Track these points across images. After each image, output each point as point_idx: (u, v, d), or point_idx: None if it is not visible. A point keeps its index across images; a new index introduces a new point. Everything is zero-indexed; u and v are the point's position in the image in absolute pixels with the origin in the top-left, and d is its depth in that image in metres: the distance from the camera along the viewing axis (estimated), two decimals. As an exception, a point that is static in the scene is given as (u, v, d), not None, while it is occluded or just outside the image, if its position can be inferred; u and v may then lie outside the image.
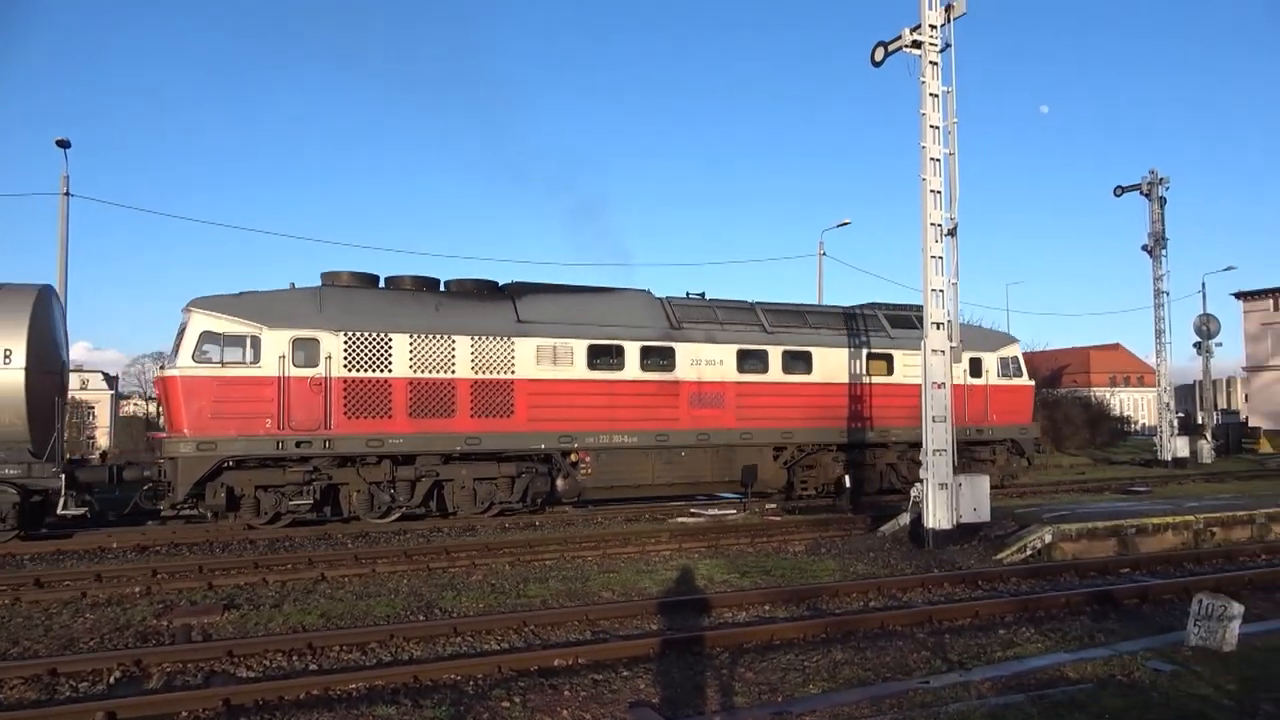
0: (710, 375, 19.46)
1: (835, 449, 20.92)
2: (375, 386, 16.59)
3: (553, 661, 8.20)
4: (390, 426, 16.62)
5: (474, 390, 17.30)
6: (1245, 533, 15.53)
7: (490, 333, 17.56)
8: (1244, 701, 6.88)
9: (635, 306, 19.46)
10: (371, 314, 16.84)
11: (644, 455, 18.77)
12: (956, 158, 14.94)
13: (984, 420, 22.64)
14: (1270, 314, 58.50)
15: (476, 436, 17.27)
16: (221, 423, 15.54)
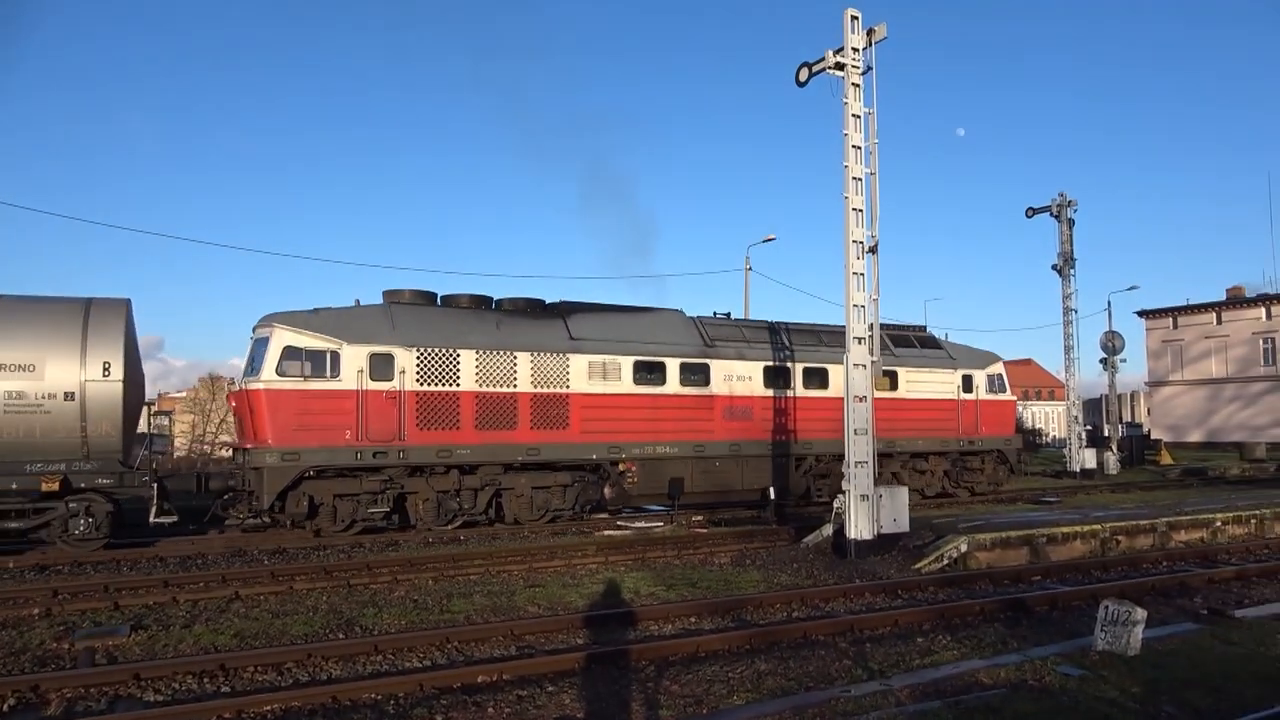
0: (741, 390, 20.69)
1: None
2: (445, 399, 17.45)
3: (476, 678, 8.08)
4: (458, 437, 17.47)
5: (533, 403, 18.28)
6: (1148, 540, 16.21)
7: (547, 349, 18.57)
8: (1147, 704, 7.17)
9: (674, 325, 20.69)
10: (440, 330, 17.72)
11: (683, 464, 19.78)
12: (877, 177, 15.34)
13: (975, 432, 24.23)
14: (1170, 332, 61.50)
15: (536, 447, 18.20)
16: (304, 434, 16.16)
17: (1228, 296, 59.49)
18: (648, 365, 19.65)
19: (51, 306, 15.83)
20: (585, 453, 18.75)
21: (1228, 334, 58.19)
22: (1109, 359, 39.94)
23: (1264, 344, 56.48)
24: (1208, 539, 16.82)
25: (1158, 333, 62.34)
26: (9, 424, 14.75)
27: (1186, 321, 61.00)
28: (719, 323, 21.71)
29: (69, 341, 15.25)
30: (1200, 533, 16.96)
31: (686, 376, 20.04)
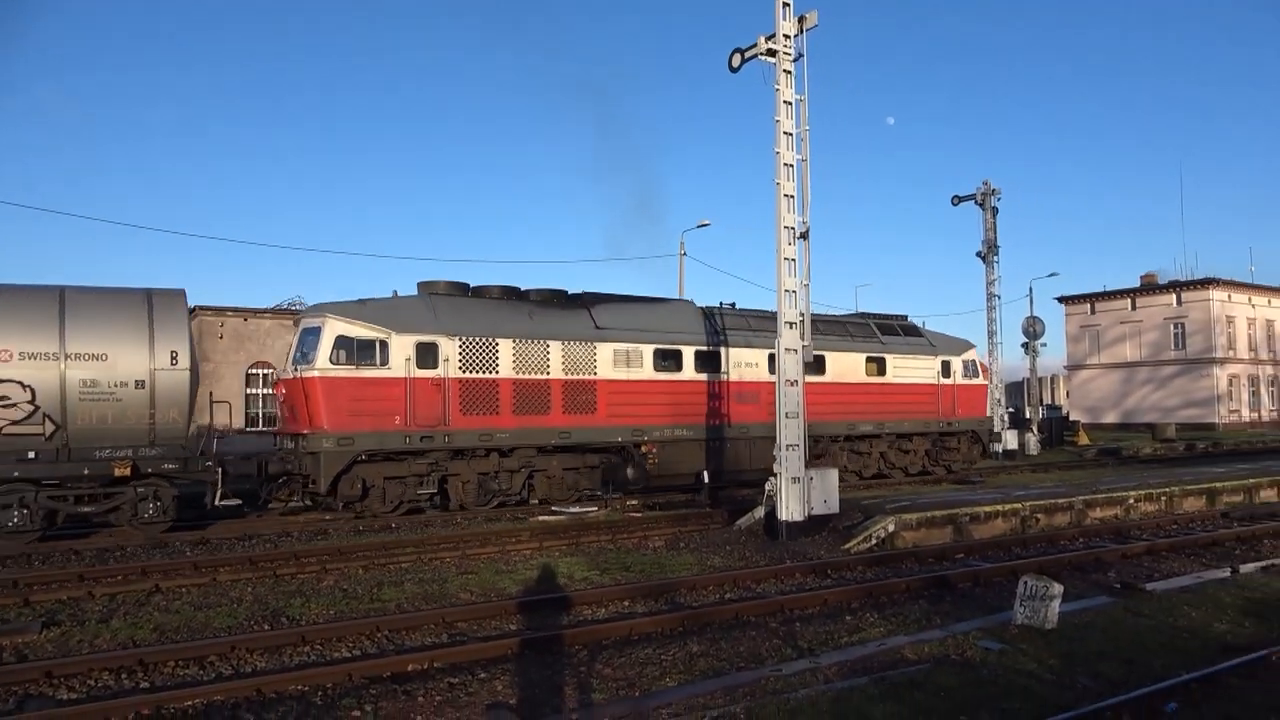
0: (748, 376, 21.79)
1: (843, 440, 23.57)
2: (486, 386, 18.21)
3: (407, 667, 7.98)
4: (498, 422, 18.29)
5: (565, 389, 19.14)
6: (1065, 518, 16.82)
7: (576, 338, 19.46)
8: (1063, 676, 7.44)
9: (688, 315, 21.82)
10: (480, 320, 18.51)
11: (698, 446, 20.81)
12: (809, 164, 15.50)
13: (953, 414, 25.78)
14: (1088, 317, 63.80)
15: (567, 431, 19.09)
16: (357, 419, 16.82)
17: (1141, 283, 61.94)
18: (666, 353, 20.66)
19: (117, 297, 16.13)
20: (611, 435, 19.71)
21: (1141, 319, 60.61)
22: (1030, 343, 41.21)
23: (1174, 329, 58.98)
24: (1121, 516, 17.51)
25: (1076, 318, 64.61)
26: (83, 411, 15.06)
27: (1103, 307, 63.36)
28: (727, 312, 22.67)
29: (137, 331, 15.62)
30: (1114, 510, 17.65)
31: (701, 364, 21.10)
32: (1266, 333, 61.19)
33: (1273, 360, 61.32)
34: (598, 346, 19.62)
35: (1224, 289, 58.11)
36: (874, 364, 24.17)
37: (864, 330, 24.91)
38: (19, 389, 14.58)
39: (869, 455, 24.24)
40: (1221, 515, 18.04)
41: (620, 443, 19.87)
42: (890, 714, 6.42)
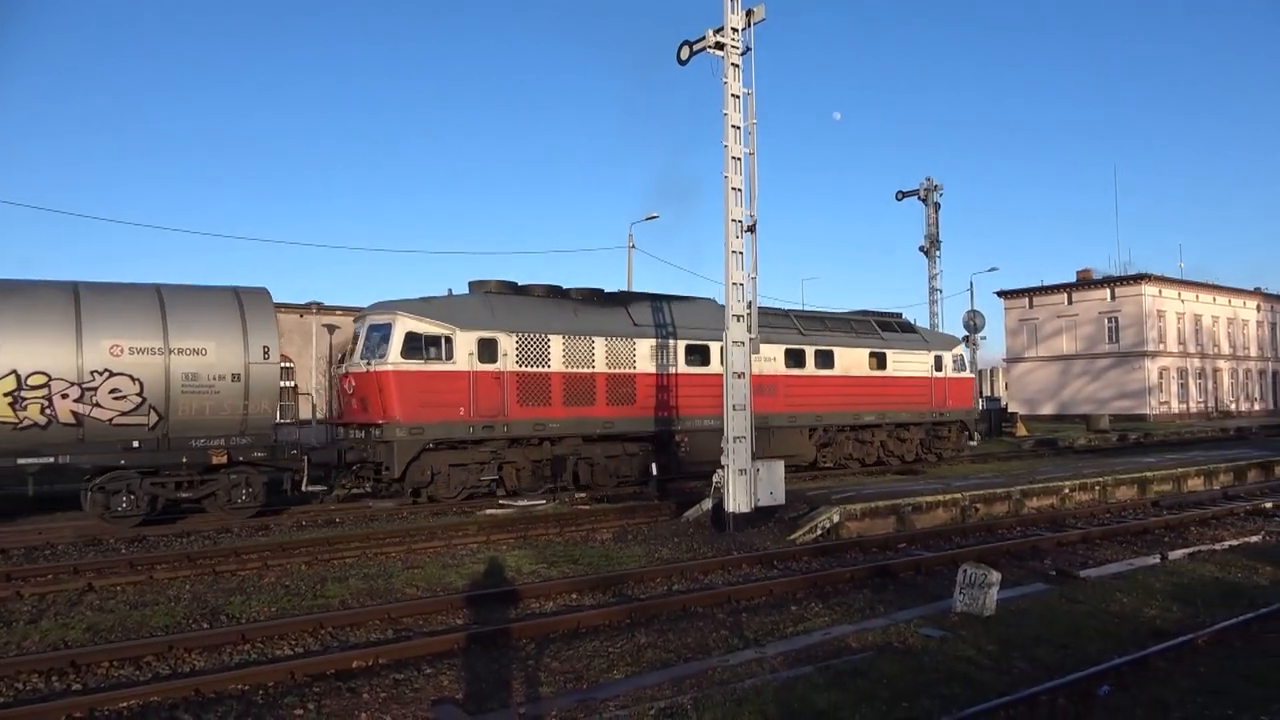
0: (767, 369, 22.57)
1: (849, 429, 25.09)
2: (539, 379, 19.31)
3: (351, 663, 7.88)
4: (550, 413, 19.31)
5: (608, 382, 20.23)
6: (1004, 507, 17.22)
7: (617, 334, 20.56)
8: (1001, 661, 7.64)
9: (712, 312, 22.42)
10: (533, 318, 19.54)
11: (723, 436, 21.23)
12: (756, 157, 15.61)
13: (944, 406, 27.41)
14: (1026, 311, 65.39)
15: (610, 421, 20.13)
16: (427, 410, 17.75)
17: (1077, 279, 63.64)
18: (695, 348, 21.82)
19: (209, 295, 16.99)
20: (648, 425, 20.85)
21: (1077, 313, 62.31)
22: (971, 336, 42.06)
23: (1109, 323, 60.76)
24: (1057, 505, 17.99)
25: (1015, 312, 66.19)
26: (184, 403, 15.94)
27: (1041, 301, 64.99)
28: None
29: (232, 327, 16.49)
30: (1051, 499, 18.12)
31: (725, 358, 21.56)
32: (1195, 327, 63.35)
33: (1200, 354, 63.52)
34: (636, 342, 20.89)
35: (1155, 284, 60.01)
36: (875, 359, 25.61)
37: (866, 327, 26.39)
38: (129, 382, 15.44)
39: (871, 444, 25.82)
40: (1152, 504, 18.64)
41: (656, 432, 20.96)
42: (834, 702, 6.52)
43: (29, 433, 14.80)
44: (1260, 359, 69.60)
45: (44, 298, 15.40)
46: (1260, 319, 70.24)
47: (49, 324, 15.08)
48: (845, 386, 24.65)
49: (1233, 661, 7.58)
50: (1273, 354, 71.04)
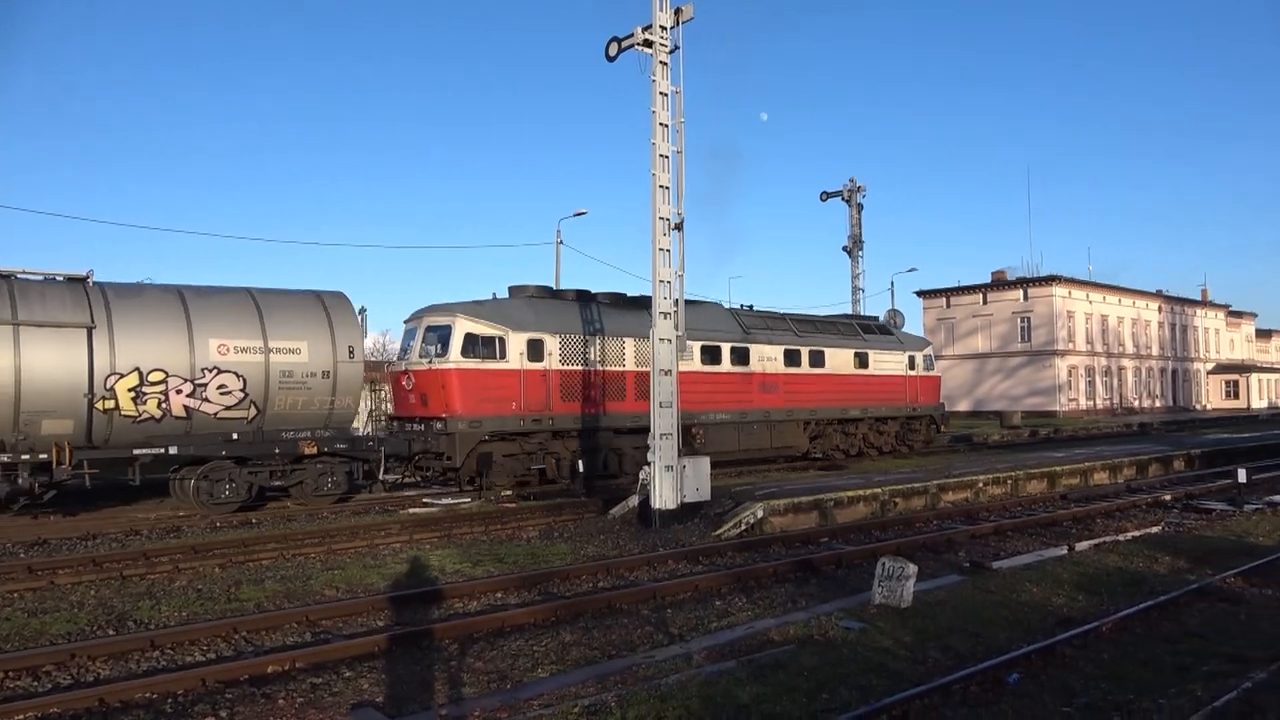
0: (770, 368, 24.64)
1: (837, 423, 26.80)
2: (578, 377, 20.52)
3: (266, 669, 7.66)
4: (588, 408, 20.46)
5: (636, 380, 21.33)
6: (921, 501, 17.69)
7: (643, 335, 20.83)
8: (917, 651, 7.83)
9: (722, 315, 24.68)
10: (573, 320, 20.74)
11: (733, 429, 23.61)
12: (684, 155, 15.69)
13: (916, 401, 29.40)
14: (944, 310, 67.26)
15: (638, 415, 20.33)
16: (484, 405, 18.95)
17: (992, 280, 65.73)
18: (710, 349, 23.33)
19: (298, 298, 18.27)
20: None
21: (992, 313, 64.37)
22: (892, 335, 42.97)
23: (1021, 322, 62.92)
24: (971, 499, 18.57)
25: (933, 311, 68.03)
26: (280, 398, 17.20)
27: (958, 301, 66.94)
28: (749, 313, 25.78)
29: (322, 328, 17.79)
30: (965, 493, 18.69)
31: (734, 358, 23.89)
32: (1101, 327, 66.04)
33: (1107, 353, 66.27)
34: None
35: (1065, 286, 62.36)
36: (859, 359, 27.50)
37: (850, 330, 28.40)
38: (234, 379, 16.67)
39: (855, 435, 27.60)
40: (1061, 497, 19.39)
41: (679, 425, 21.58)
42: (757, 696, 6.60)
43: (144, 425, 15.97)
44: (1161, 358, 72.97)
45: (156, 300, 16.57)
46: (1162, 320, 73.63)
47: (165, 325, 16.26)
48: (835, 384, 26.61)
49: (1134, 648, 7.92)
50: (1173, 353, 74.56)
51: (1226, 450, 27.15)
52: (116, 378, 15.64)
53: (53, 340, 15.18)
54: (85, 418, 15.46)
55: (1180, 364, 75.23)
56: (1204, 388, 77.96)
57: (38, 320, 15.14)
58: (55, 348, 15.20)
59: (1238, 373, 78.86)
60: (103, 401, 15.51)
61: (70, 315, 15.47)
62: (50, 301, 15.53)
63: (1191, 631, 8.45)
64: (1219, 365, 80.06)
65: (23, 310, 15.15)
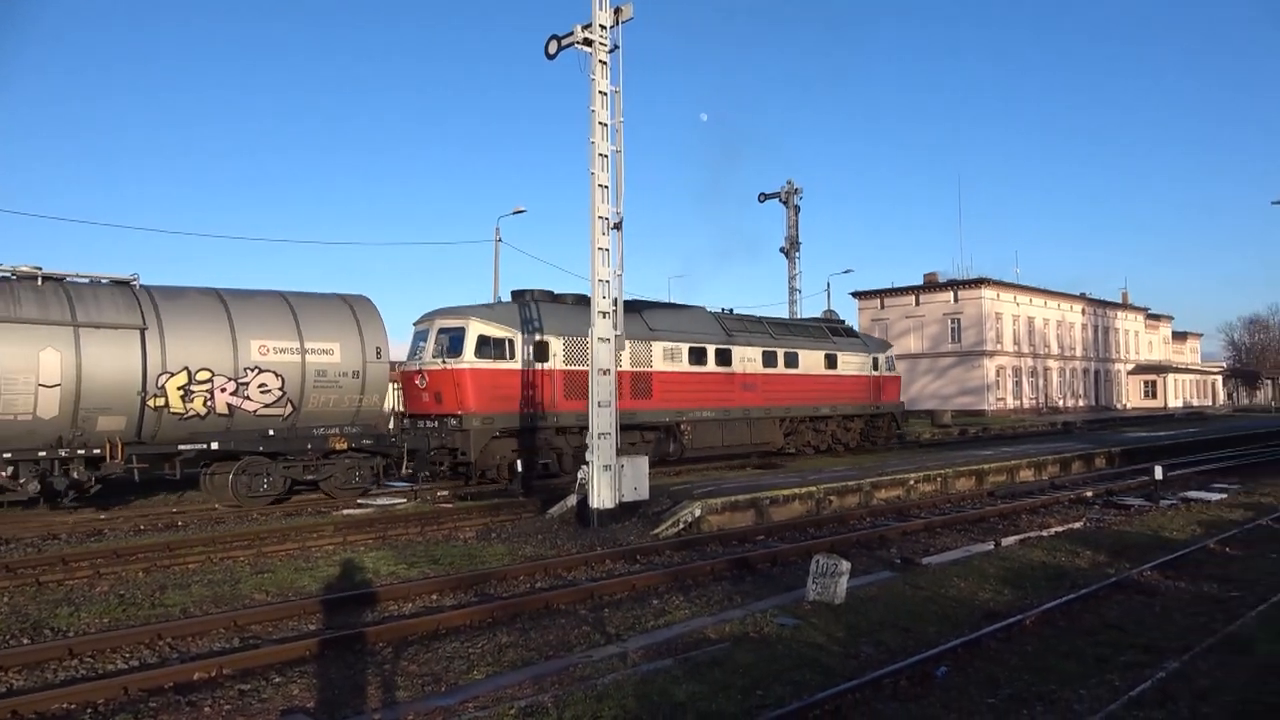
0: (750, 369, 25.98)
1: (808, 420, 28.41)
2: (581, 377, 20.31)
3: (192, 675, 7.45)
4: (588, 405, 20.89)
5: (633, 379, 22.48)
6: (855, 499, 18.00)
7: (638, 338, 22.89)
8: (849, 646, 7.98)
9: (705, 319, 25.88)
10: (575, 323, 20.92)
11: (717, 426, 25.00)
12: (623, 155, 15.70)
13: (879, 400, 31.12)
14: (879, 311, 68.52)
15: (633, 413, 22.33)
16: (495, 403, 19.91)
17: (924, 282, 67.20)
18: (697, 350, 24.63)
19: (326, 301, 19.07)
20: (662, 417, 23.60)
21: (924, 314, 65.83)
22: (828, 335, 43.62)
23: (951, 324, 64.47)
24: (903, 496, 18.96)
25: (868, 312, 69.26)
26: (314, 396, 17.99)
27: (891, 303, 68.29)
28: (730, 317, 27.17)
29: (351, 330, 18.60)
30: (898, 491, 19.07)
31: (718, 359, 25.20)
32: (1028, 328, 68.03)
33: (1033, 354, 68.28)
34: (653, 344, 23.52)
35: (994, 288, 64.08)
36: (829, 360, 29.01)
37: (821, 332, 29.99)
38: (273, 378, 17.42)
39: (824, 432, 29.29)
40: (988, 494, 19.92)
41: (668, 422, 23.85)
42: (693, 694, 6.65)
43: (190, 422, 16.66)
44: (1085, 359, 75.46)
45: (201, 302, 17.24)
46: (1085, 322, 76.14)
47: (210, 326, 16.95)
48: (808, 384, 28.14)
49: (1056, 640, 8.19)
50: (1095, 354, 77.16)
51: (1144, 448, 28.23)
52: (167, 376, 16.31)
53: (109, 341, 15.79)
54: (137, 415, 16.10)
55: (1102, 364, 77.90)
56: (1124, 387, 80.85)
57: (94, 322, 15.72)
58: (111, 348, 15.79)
59: (1156, 373, 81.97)
60: (154, 399, 16.18)
61: (124, 317, 16.08)
62: (104, 303, 16.11)
63: (1110, 623, 8.77)
64: (1138, 366, 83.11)
65: (80, 312, 15.69)
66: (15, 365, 14.78)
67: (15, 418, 14.84)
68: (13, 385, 14.71)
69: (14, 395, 14.72)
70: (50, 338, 15.19)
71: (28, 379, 14.87)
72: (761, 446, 26.74)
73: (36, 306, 15.32)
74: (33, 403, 14.95)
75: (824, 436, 29.21)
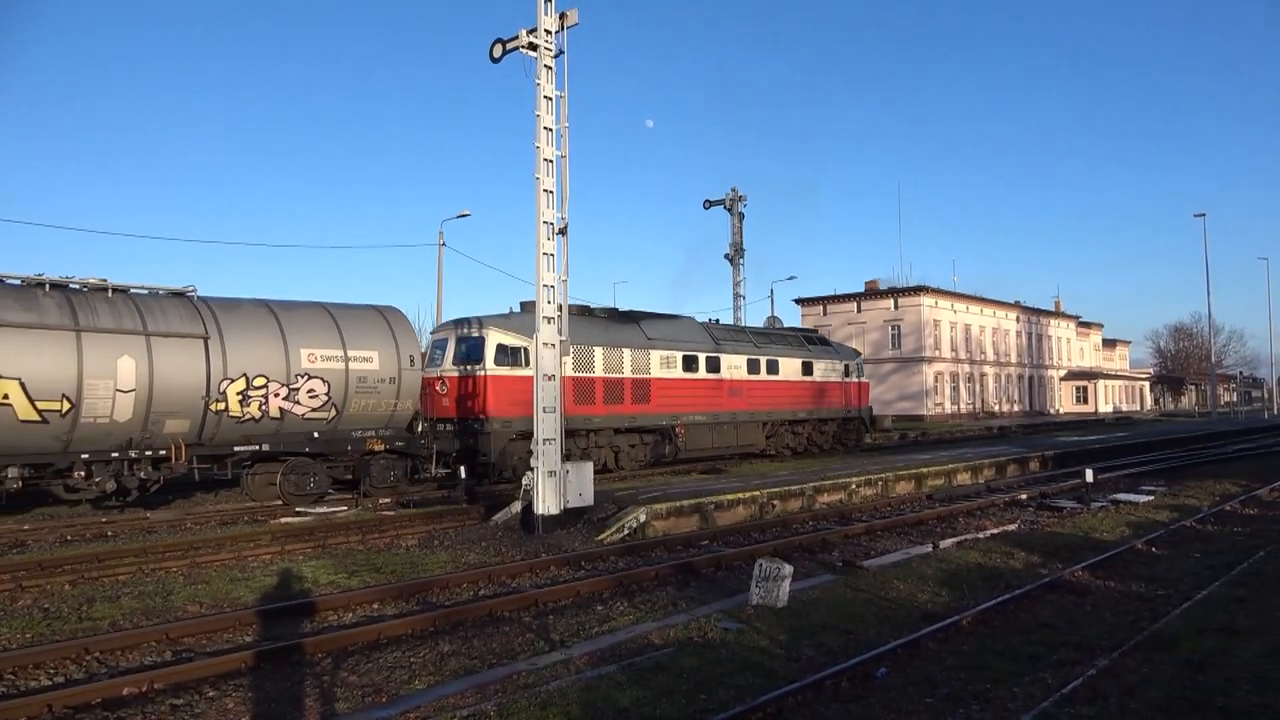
0: (736, 375, 27.76)
1: (787, 423, 30.14)
2: (587, 383, 23.18)
3: (121, 691, 7.21)
4: (594, 410, 23.35)
5: (633, 386, 24.32)
6: (798, 504, 18.19)
7: (637, 347, 24.67)
8: (791, 649, 8.06)
9: (696, 329, 27.70)
10: (583, 333, 22.82)
11: (707, 429, 26.77)
12: (568, 160, 15.67)
13: (851, 405, 33.18)
14: (821, 318, 69.41)
15: (634, 416, 24.36)
16: (513, 408, 20.91)
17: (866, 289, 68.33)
18: (689, 358, 26.27)
19: (363, 312, 20.15)
20: (659, 420, 25.28)
21: (865, 321, 66.90)
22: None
23: (892, 330, 65.64)
24: (845, 500, 19.21)
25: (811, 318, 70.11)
26: (355, 401, 19.02)
27: (834, 309, 69.29)
28: (717, 327, 29.34)
29: (387, 339, 19.71)
30: (840, 495, 19.33)
31: (709, 366, 26.82)
32: (965, 335, 69.59)
33: (970, 360, 69.85)
34: (651, 353, 25.10)
35: (932, 296, 65.44)
36: (805, 367, 30.76)
37: (798, 341, 32.03)
38: (321, 384, 18.51)
39: (802, 435, 31.11)
40: (927, 497, 20.31)
41: (664, 425, 25.51)
42: (637, 699, 6.65)
43: (245, 425, 17.63)
44: (1019, 365, 77.43)
45: (255, 312, 18.26)
46: (1020, 329, 78.14)
47: (265, 335, 17.97)
48: (787, 389, 29.96)
49: (992, 639, 8.38)
50: (1029, 361, 79.23)
51: (1076, 452, 29.04)
52: (228, 382, 17.29)
53: (177, 349, 16.80)
54: (200, 418, 17.06)
55: (1036, 370, 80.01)
56: (1057, 393, 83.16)
57: (164, 331, 16.73)
58: (179, 355, 16.79)
59: (1087, 379, 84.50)
60: (215, 403, 17.14)
61: (189, 326, 17.14)
62: (170, 314, 17.09)
63: (1043, 622, 9.00)
64: (1070, 372, 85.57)
65: (150, 322, 16.66)
66: (97, 371, 15.69)
67: (95, 420, 15.80)
68: (95, 390, 15.66)
69: (95, 399, 15.68)
70: (126, 346, 16.12)
71: (107, 384, 15.82)
72: (746, 448, 28.44)
73: (111, 317, 16.24)
74: (110, 406, 15.89)
75: (801, 439, 30.99)
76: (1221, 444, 36.09)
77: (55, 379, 15.26)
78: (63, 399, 15.32)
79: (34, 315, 15.34)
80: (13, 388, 14.82)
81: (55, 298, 15.90)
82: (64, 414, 15.36)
